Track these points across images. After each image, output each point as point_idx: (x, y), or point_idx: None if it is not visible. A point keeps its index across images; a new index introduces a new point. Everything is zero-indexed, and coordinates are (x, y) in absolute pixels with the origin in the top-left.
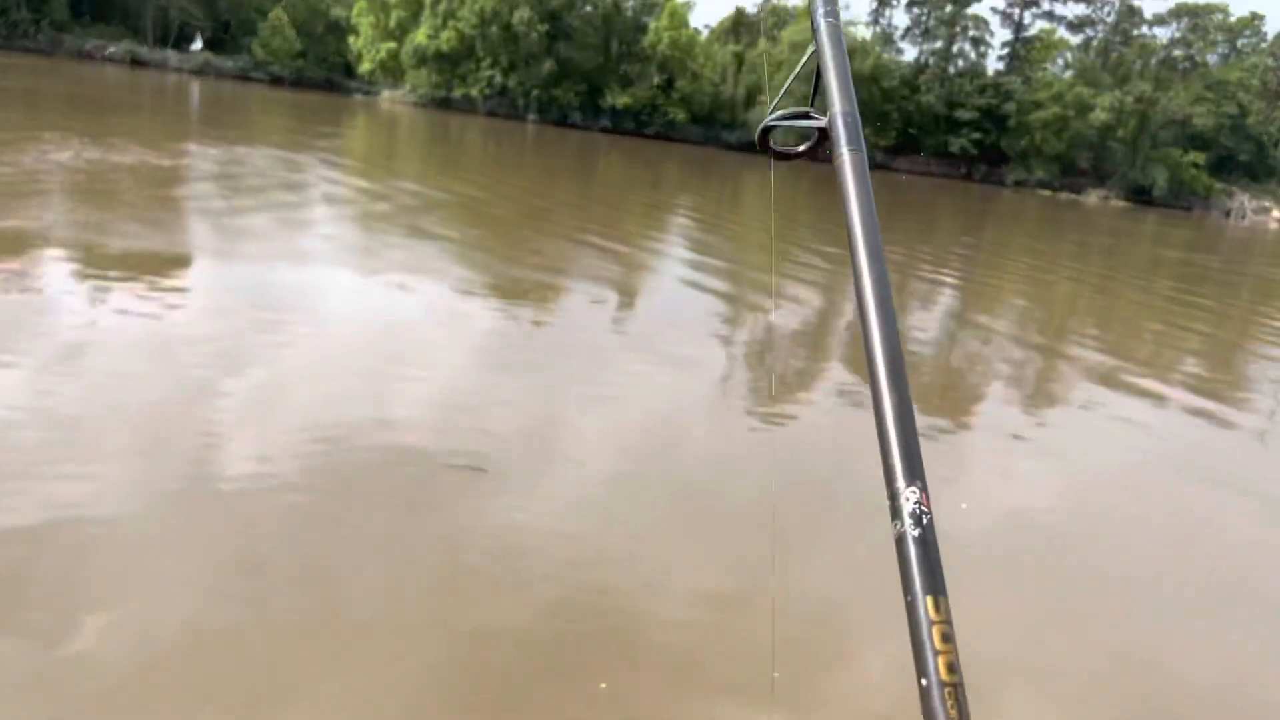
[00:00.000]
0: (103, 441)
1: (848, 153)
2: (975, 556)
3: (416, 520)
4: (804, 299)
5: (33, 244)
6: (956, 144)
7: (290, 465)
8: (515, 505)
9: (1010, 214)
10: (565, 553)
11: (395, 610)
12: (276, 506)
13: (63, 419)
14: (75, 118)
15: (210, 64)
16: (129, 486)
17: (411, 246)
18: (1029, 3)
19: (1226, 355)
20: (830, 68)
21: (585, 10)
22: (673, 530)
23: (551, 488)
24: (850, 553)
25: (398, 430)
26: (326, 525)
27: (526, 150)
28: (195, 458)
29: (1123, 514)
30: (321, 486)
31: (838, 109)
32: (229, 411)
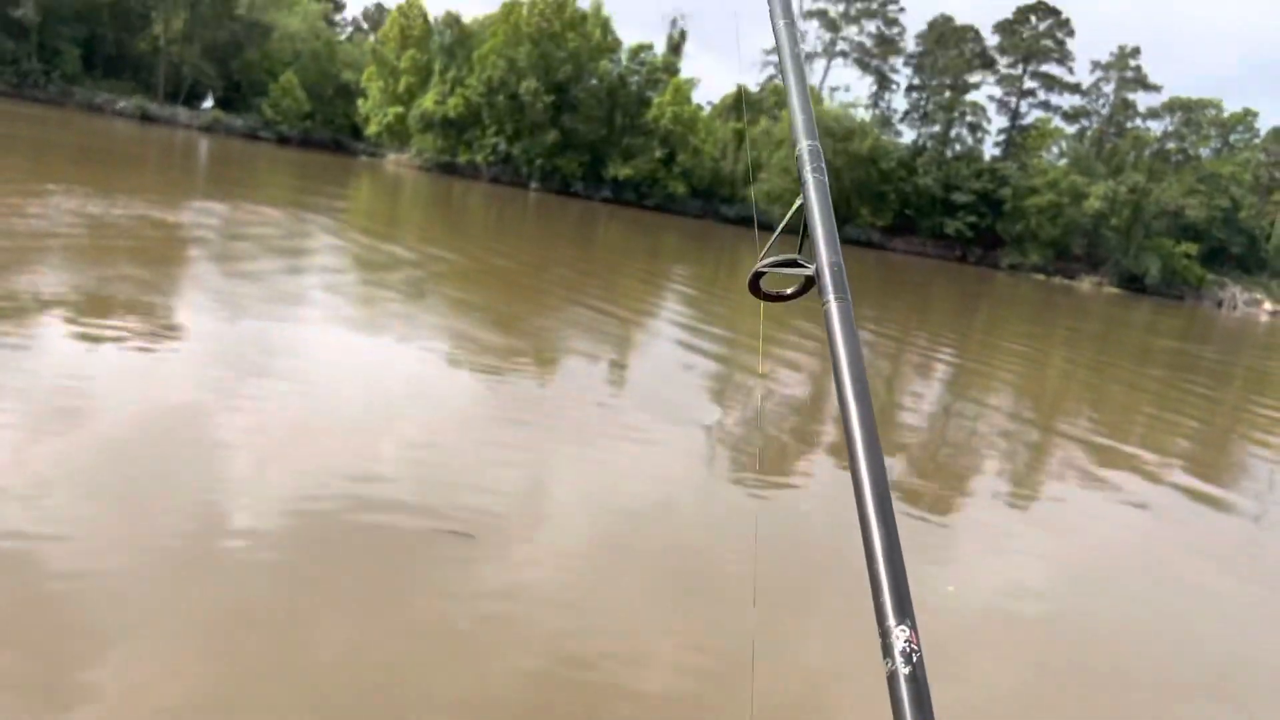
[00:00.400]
0: (85, 497)
1: (834, 301)
2: (966, 638)
3: (401, 585)
4: (795, 368)
5: (27, 294)
6: (953, 226)
7: (276, 525)
8: (502, 572)
9: (1005, 297)
10: (550, 622)
11: (376, 677)
12: (259, 568)
13: (46, 472)
14: (81, 170)
15: (220, 121)
16: (108, 545)
17: (408, 308)
18: (1025, 92)
19: (1219, 442)
20: (817, 219)
21: (591, 83)
22: (659, 603)
23: (539, 555)
24: (835, 631)
25: (387, 492)
26: (309, 588)
27: (528, 217)
28: (179, 516)
29: (1115, 597)
30: (306, 548)
31: (825, 260)
32: (216, 469)
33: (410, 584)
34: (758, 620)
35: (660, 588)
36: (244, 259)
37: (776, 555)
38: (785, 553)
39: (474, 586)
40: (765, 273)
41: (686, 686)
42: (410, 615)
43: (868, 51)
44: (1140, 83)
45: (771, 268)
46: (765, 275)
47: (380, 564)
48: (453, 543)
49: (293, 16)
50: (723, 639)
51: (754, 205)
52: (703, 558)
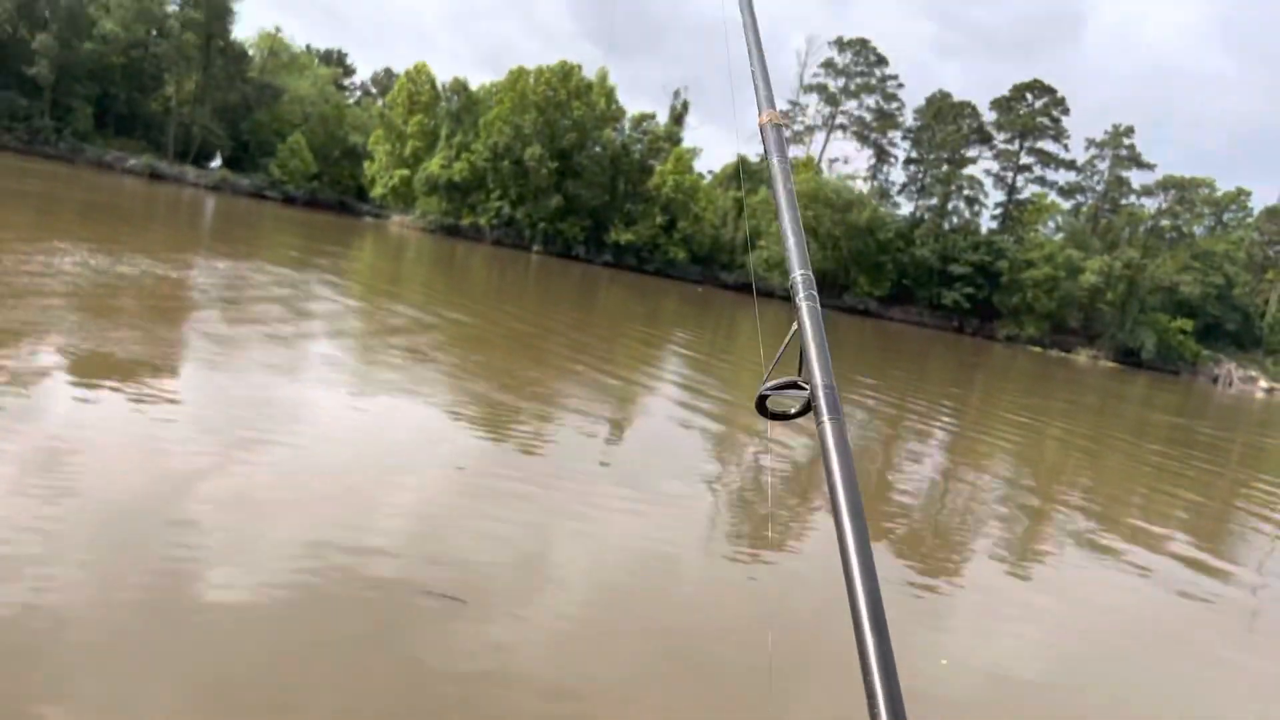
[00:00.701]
0: (72, 552)
1: (829, 421)
2: (962, 713)
3: (389, 650)
4: (795, 438)
5: (26, 347)
6: (950, 297)
7: (263, 586)
8: (494, 641)
9: (1002, 368)
10: (541, 695)
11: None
12: (245, 628)
13: (34, 525)
14: (87, 225)
15: (227, 181)
16: (88, 605)
17: (406, 369)
18: (1021, 167)
19: (1217, 515)
20: (811, 345)
21: (594, 151)
22: (655, 677)
23: (533, 625)
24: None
25: (377, 554)
26: (296, 649)
27: (529, 279)
28: (163, 577)
29: (1114, 670)
30: (294, 609)
31: (819, 382)
32: (207, 526)
33: (396, 650)
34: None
35: (654, 665)
36: (244, 317)
37: (787, 627)
38: (794, 625)
39: (462, 655)
40: (769, 395)
41: None
42: (395, 682)
43: (867, 125)
44: (1134, 160)
45: (774, 390)
46: (769, 397)
47: (366, 628)
48: (443, 608)
49: (303, 80)
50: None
51: (753, 278)
52: (699, 633)
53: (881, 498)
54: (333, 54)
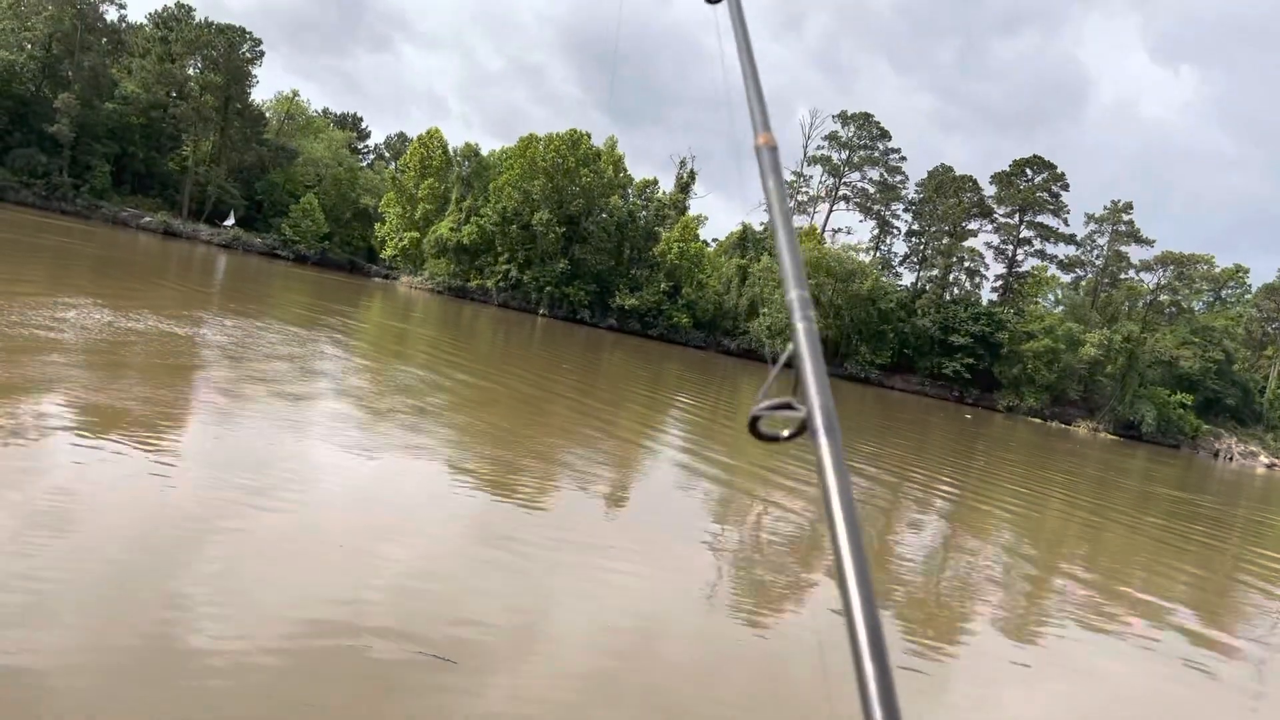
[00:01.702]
0: (67, 606)
1: (825, 440)
2: None
3: (379, 713)
4: (794, 505)
5: (31, 399)
6: (950, 367)
7: (258, 643)
8: (481, 704)
9: (1002, 438)
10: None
11: None
12: (236, 687)
13: (28, 579)
14: (102, 281)
15: (240, 239)
16: (85, 656)
17: (410, 428)
18: (1022, 241)
19: (1217, 596)
20: (808, 365)
21: (601, 217)
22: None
23: (525, 690)
24: None
25: (372, 613)
26: (286, 707)
27: (535, 342)
28: (155, 634)
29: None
30: (285, 669)
31: (815, 402)
32: (202, 584)
33: (384, 710)
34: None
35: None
36: (250, 374)
37: (783, 706)
38: (791, 705)
39: (450, 714)
40: (763, 415)
41: None
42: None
43: (870, 197)
44: (1133, 236)
45: (767, 411)
46: (763, 418)
47: (357, 689)
48: (433, 669)
49: (318, 143)
50: None
51: (765, 345)
52: (689, 696)
53: (881, 566)
54: (348, 118)
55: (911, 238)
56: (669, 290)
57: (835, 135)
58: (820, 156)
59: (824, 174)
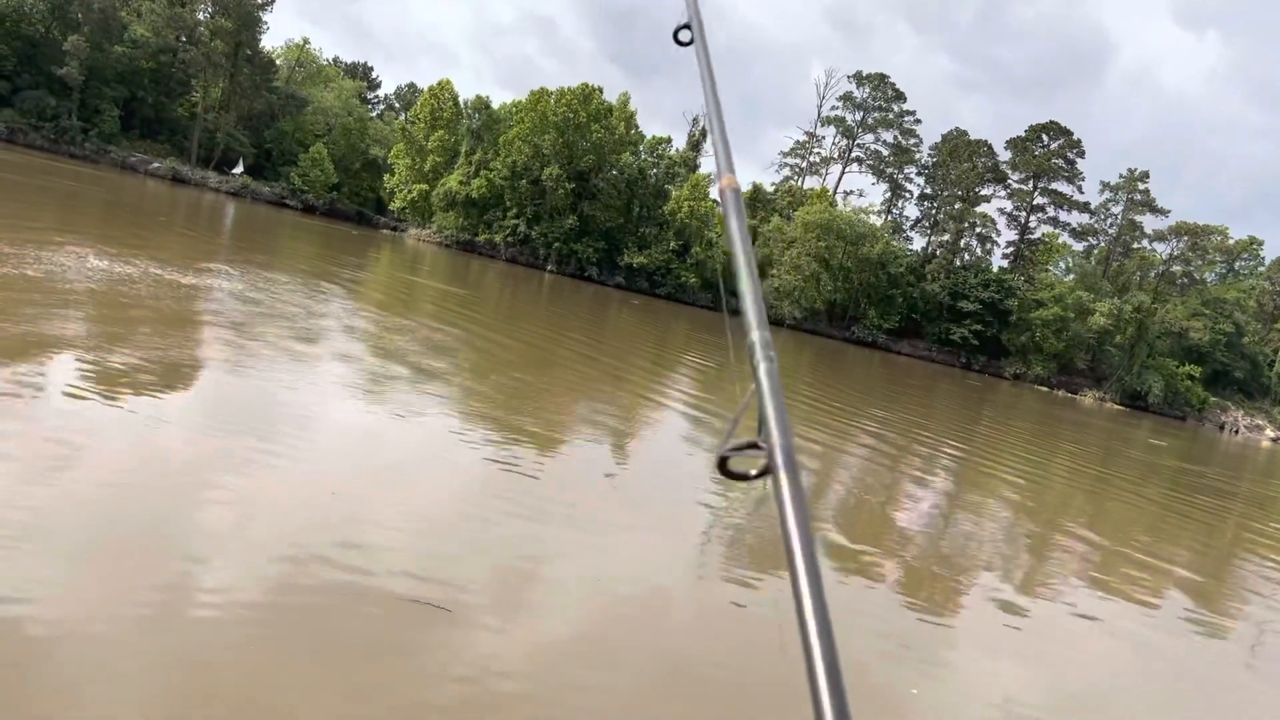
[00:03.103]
0: (69, 553)
1: (786, 481)
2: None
3: (374, 658)
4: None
5: (38, 347)
6: (958, 333)
7: (257, 590)
8: (481, 653)
9: (1008, 405)
10: (523, 710)
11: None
12: (236, 632)
13: (36, 524)
14: (110, 227)
15: (248, 187)
16: (79, 604)
17: (415, 383)
18: (1035, 207)
19: (1219, 560)
20: (769, 405)
21: (611, 174)
22: (644, 699)
23: (521, 640)
24: None
25: (371, 564)
26: (283, 653)
27: (542, 298)
28: (155, 577)
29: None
30: (284, 614)
31: (776, 442)
32: (203, 531)
33: (383, 658)
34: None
35: (643, 686)
36: (257, 325)
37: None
38: (785, 661)
39: (445, 663)
40: (730, 455)
41: None
42: (378, 690)
43: (883, 159)
44: (1148, 206)
45: (734, 452)
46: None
47: (354, 636)
48: (428, 617)
49: (328, 92)
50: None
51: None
52: (685, 658)
53: (885, 530)
54: (358, 67)
55: (923, 202)
56: (678, 249)
57: (850, 96)
58: (834, 117)
59: (837, 135)
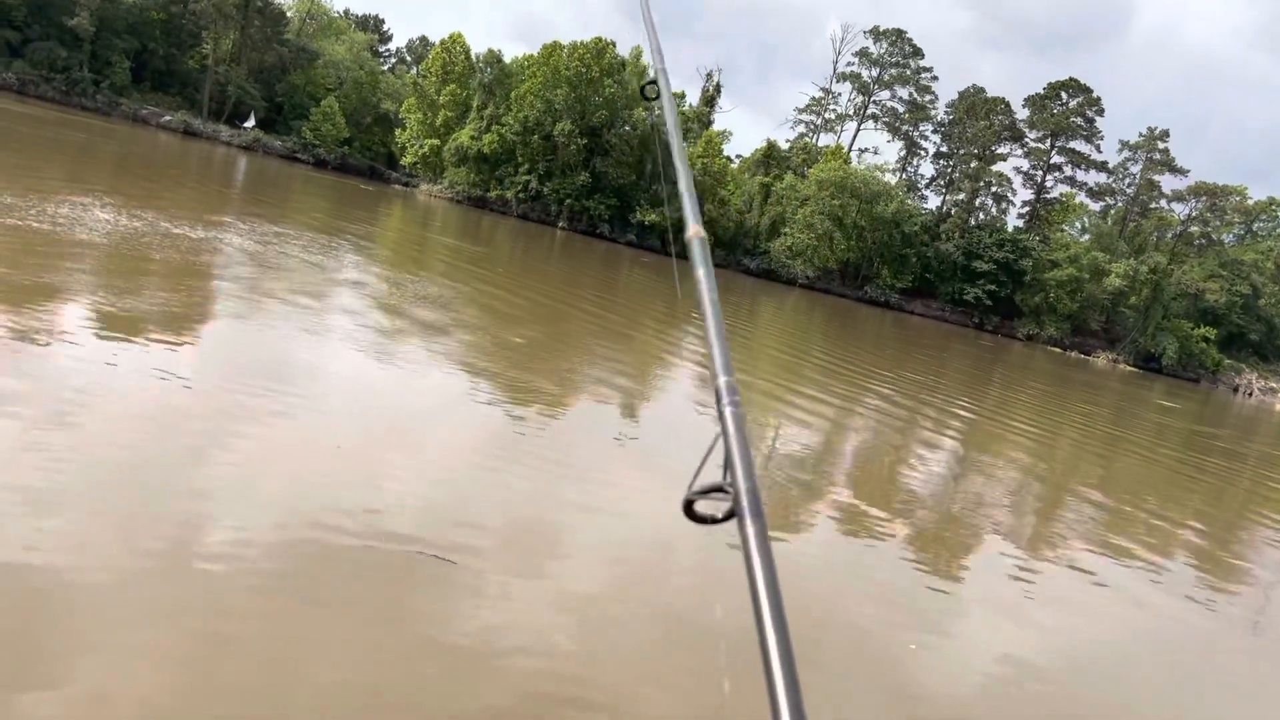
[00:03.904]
0: (82, 503)
1: (751, 524)
2: (962, 713)
3: (380, 609)
4: (810, 423)
5: (49, 298)
6: (971, 293)
7: (267, 540)
8: (485, 605)
9: (1020, 366)
10: (520, 659)
11: (344, 702)
12: (246, 580)
13: (46, 476)
14: (122, 179)
15: (260, 141)
16: (93, 553)
17: (425, 339)
18: (1051, 167)
19: (1227, 530)
20: (735, 450)
21: (624, 130)
22: (644, 653)
23: (526, 592)
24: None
25: (378, 515)
26: (292, 602)
27: (553, 256)
28: (174, 527)
29: (1108, 686)
30: (293, 564)
31: (742, 485)
32: (214, 482)
33: (384, 607)
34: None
35: (641, 634)
36: (268, 279)
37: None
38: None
39: (450, 616)
40: (696, 499)
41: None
42: (384, 640)
43: (899, 116)
44: (1167, 165)
45: (700, 495)
46: (697, 501)
47: (359, 586)
48: (433, 569)
49: (339, 45)
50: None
51: (786, 266)
52: (690, 615)
53: (892, 490)
54: (369, 20)
55: (939, 160)
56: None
57: (866, 52)
58: (850, 73)
59: (853, 91)
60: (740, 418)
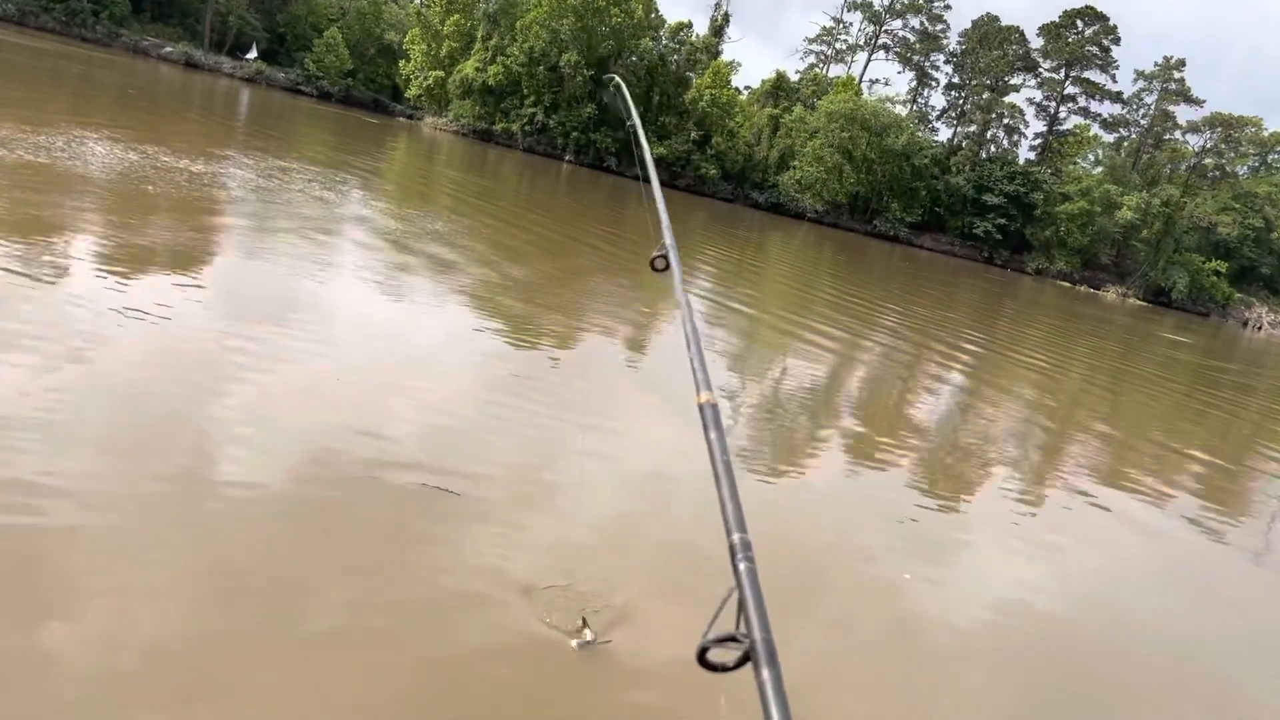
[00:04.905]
0: (90, 439)
1: (767, 671)
2: (963, 642)
3: (388, 540)
4: (819, 356)
5: (53, 234)
6: (981, 227)
7: (274, 474)
8: (488, 536)
9: (1029, 300)
10: (533, 583)
11: (355, 626)
12: (255, 511)
13: (52, 413)
14: (124, 112)
15: (262, 73)
16: (102, 486)
17: (431, 274)
18: (1065, 97)
19: (1234, 461)
20: (750, 602)
21: (631, 60)
22: (655, 585)
23: (532, 521)
24: (838, 611)
25: (385, 450)
26: (300, 534)
27: (560, 189)
28: (176, 461)
29: (1111, 616)
30: (301, 498)
31: (758, 636)
32: (222, 417)
33: (392, 538)
34: None
35: (650, 571)
36: (273, 215)
37: (773, 540)
38: (780, 538)
39: (458, 547)
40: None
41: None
42: (390, 571)
43: (910, 46)
44: (1183, 96)
45: (714, 643)
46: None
47: (366, 517)
48: (441, 501)
49: None
50: None
51: (795, 200)
52: (699, 545)
53: (900, 421)
54: None
55: (950, 91)
56: (698, 140)
57: None
58: (860, 3)
59: (864, 21)
60: (753, 572)
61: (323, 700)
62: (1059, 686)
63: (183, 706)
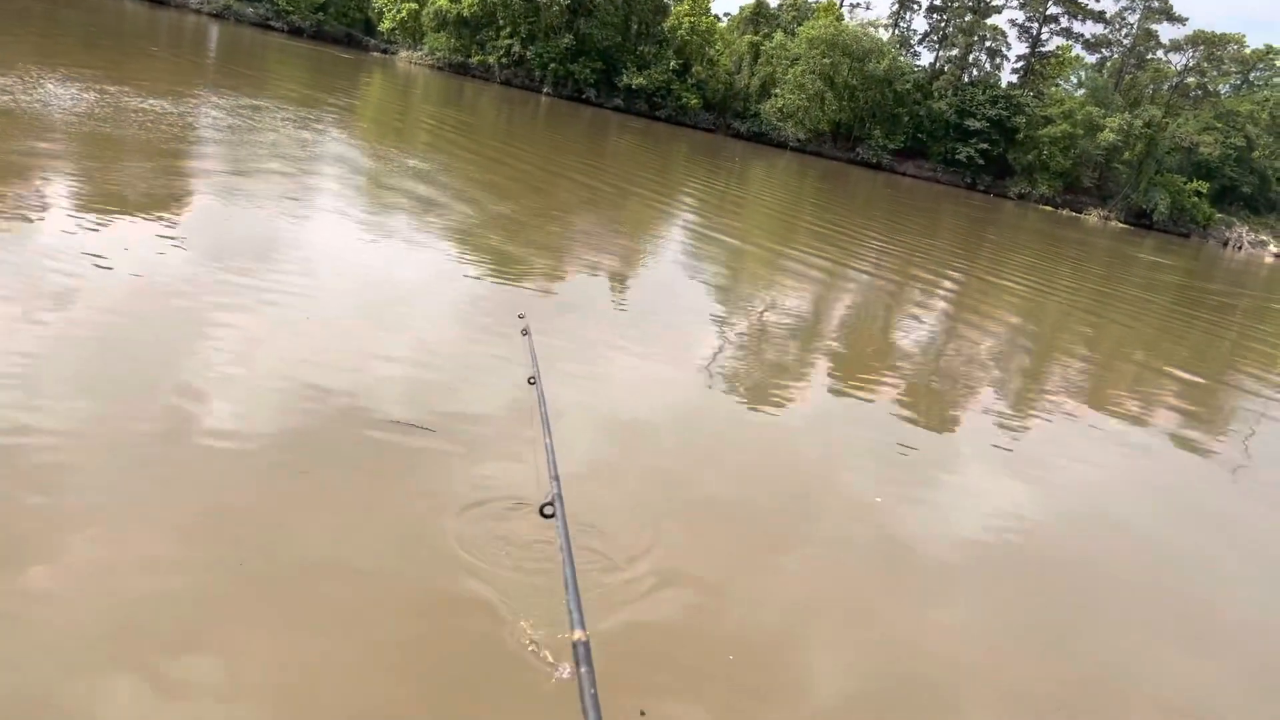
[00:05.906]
0: (68, 385)
1: None
2: (947, 564)
3: (371, 478)
4: (801, 286)
5: (23, 180)
6: (964, 153)
7: (256, 415)
8: (485, 475)
9: (1012, 225)
10: (524, 512)
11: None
12: (239, 449)
13: (31, 357)
14: (91, 52)
15: (231, 9)
16: (82, 431)
17: (412, 211)
18: (1048, 18)
19: (1214, 381)
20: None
21: None
22: (646, 517)
23: (525, 453)
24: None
25: (368, 392)
26: (284, 474)
27: (539, 122)
28: (155, 404)
29: (1095, 536)
30: (284, 438)
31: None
32: (201, 360)
33: (375, 476)
34: None
35: (640, 505)
36: (248, 155)
37: (771, 482)
38: (776, 480)
39: (443, 485)
40: None
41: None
42: (371, 507)
43: None
44: (1165, 14)
45: None
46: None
47: (349, 457)
48: (422, 440)
49: None
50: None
51: (777, 129)
52: (693, 470)
53: (883, 348)
54: None
55: (933, 14)
56: (678, 69)
57: None
58: None
59: None
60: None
61: (315, 632)
62: (1041, 598)
63: (166, 654)
